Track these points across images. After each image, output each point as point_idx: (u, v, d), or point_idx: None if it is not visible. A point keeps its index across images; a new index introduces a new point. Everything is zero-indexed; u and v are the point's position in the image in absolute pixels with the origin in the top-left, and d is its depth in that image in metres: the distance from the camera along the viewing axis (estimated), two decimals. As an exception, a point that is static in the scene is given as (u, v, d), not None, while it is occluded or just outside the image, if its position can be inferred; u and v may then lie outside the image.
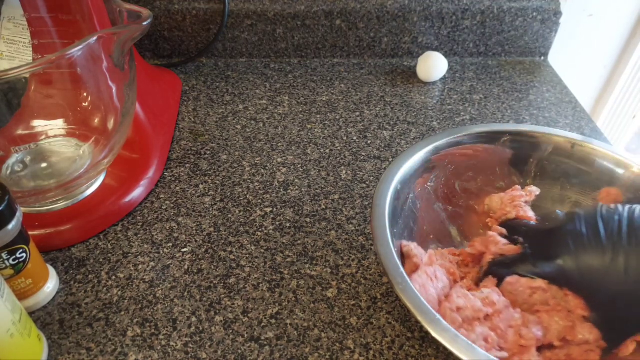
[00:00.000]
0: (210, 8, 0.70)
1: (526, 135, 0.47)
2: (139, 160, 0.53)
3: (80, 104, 0.49)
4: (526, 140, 0.47)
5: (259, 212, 0.50)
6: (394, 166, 0.42)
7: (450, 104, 0.67)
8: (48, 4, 0.48)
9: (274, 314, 0.41)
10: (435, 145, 0.45)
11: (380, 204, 0.39)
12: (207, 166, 0.56)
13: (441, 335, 0.30)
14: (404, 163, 0.43)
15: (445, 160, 0.46)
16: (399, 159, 0.43)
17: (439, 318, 0.31)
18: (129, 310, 0.41)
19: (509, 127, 0.48)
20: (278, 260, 0.46)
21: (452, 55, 0.77)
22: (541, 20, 0.73)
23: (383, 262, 0.35)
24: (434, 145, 0.45)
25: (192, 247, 0.47)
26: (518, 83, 0.72)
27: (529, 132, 0.47)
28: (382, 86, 0.71)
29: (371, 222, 0.38)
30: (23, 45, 0.50)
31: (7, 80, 0.38)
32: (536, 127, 0.48)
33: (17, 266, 0.38)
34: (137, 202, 0.51)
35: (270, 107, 0.66)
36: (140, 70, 0.55)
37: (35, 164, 0.48)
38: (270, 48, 0.75)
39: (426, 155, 0.44)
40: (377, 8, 0.71)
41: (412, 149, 0.44)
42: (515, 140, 0.47)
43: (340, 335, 0.39)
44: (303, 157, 0.58)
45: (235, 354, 0.38)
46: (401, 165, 0.42)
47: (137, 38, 0.43)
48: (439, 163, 0.46)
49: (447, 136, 0.46)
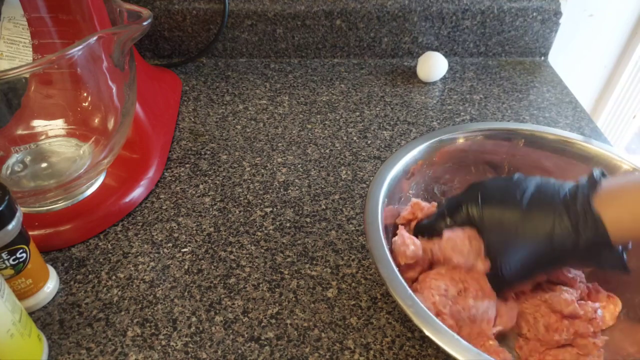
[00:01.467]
0: (210, 8, 0.70)
1: (499, 131, 0.48)
2: (139, 160, 0.53)
3: (80, 104, 0.50)
4: (500, 136, 0.48)
5: (259, 212, 0.50)
6: (378, 178, 0.43)
7: (451, 104, 0.67)
8: (48, 4, 0.48)
9: (274, 314, 0.41)
10: (414, 153, 0.45)
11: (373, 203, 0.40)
12: (207, 166, 0.56)
13: (425, 328, 0.31)
14: (387, 175, 0.43)
15: (423, 166, 0.46)
16: (381, 170, 0.43)
17: (435, 319, 0.32)
18: (129, 310, 0.41)
19: (482, 126, 0.49)
20: (278, 260, 0.46)
21: (452, 55, 0.77)
22: (541, 20, 0.73)
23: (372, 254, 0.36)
24: (412, 155, 0.45)
25: (192, 247, 0.47)
26: (518, 83, 0.72)
27: (500, 129, 0.48)
28: (382, 86, 0.71)
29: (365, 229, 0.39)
30: (23, 45, 0.50)
31: (7, 80, 0.38)
32: (507, 123, 0.49)
33: (17, 266, 0.38)
34: (137, 202, 0.51)
35: (271, 107, 0.66)
36: (140, 70, 0.55)
37: (35, 164, 0.48)
38: (270, 48, 0.75)
39: (406, 163, 0.45)
40: (377, 8, 0.71)
41: (392, 160, 0.44)
42: (490, 136, 0.48)
43: (341, 335, 0.39)
44: (303, 157, 0.58)
45: (235, 354, 0.38)
46: (385, 178, 0.43)
47: (137, 38, 0.43)
48: (418, 170, 0.46)
49: (424, 141, 0.46)
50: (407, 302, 0.33)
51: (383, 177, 0.42)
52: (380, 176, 0.42)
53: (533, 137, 0.47)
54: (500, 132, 0.48)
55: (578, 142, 0.46)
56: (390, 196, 0.42)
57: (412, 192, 0.46)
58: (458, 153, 0.48)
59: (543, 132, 0.47)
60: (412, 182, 0.46)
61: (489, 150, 0.48)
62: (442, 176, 0.48)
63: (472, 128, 0.48)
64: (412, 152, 0.45)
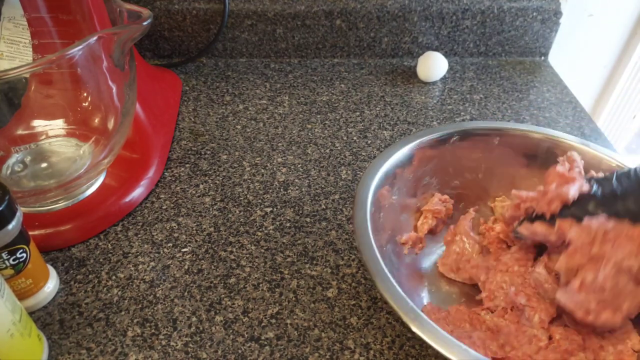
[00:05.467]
0: (210, 8, 0.70)
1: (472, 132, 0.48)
2: (139, 160, 0.53)
3: (80, 104, 0.50)
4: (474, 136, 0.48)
5: (259, 212, 0.50)
6: (365, 181, 0.42)
7: (451, 104, 0.67)
8: (48, 4, 0.48)
9: (274, 313, 0.41)
10: (394, 159, 0.45)
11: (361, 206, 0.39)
12: (207, 166, 0.56)
13: (422, 331, 0.31)
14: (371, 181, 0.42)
15: (402, 172, 0.46)
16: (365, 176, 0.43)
17: (423, 316, 0.32)
18: (129, 310, 0.41)
19: (457, 127, 0.48)
20: (278, 260, 0.46)
21: (452, 55, 0.77)
22: (541, 20, 0.73)
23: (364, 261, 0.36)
24: (391, 163, 0.45)
25: (192, 247, 0.47)
26: (518, 83, 0.72)
27: (474, 129, 0.48)
28: (382, 86, 0.71)
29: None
30: (23, 45, 0.50)
31: (7, 80, 0.38)
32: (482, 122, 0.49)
33: (17, 266, 0.38)
34: (137, 202, 0.51)
35: (271, 107, 0.66)
36: (140, 70, 0.55)
37: (35, 164, 0.48)
38: (270, 48, 0.75)
39: (387, 169, 0.44)
40: (377, 8, 0.71)
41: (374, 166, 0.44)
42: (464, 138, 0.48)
43: (341, 335, 0.39)
44: (303, 157, 0.58)
45: (235, 354, 0.38)
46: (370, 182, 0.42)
47: (137, 38, 0.43)
48: (399, 175, 0.46)
49: (402, 146, 0.46)
50: (397, 301, 0.33)
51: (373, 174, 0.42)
52: (370, 173, 0.42)
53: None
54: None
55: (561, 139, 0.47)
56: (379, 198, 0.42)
57: (395, 197, 0.46)
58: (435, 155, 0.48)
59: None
60: (395, 188, 0.45)
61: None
62: (422, 178, 0.48)
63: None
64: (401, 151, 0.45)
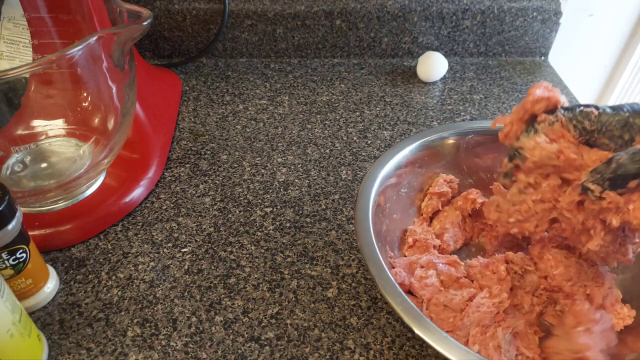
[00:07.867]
0: (210, 8, 0.70)
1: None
2: (139, 160, 0.53)
3: (80, 104, 0.49)
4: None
5: (259, 212, 0.50)
6: (369, 178, 0.43)
7: (451, 104, 0.67)
8: (48, 4, 0.48)
9: (274, 314, 0.41)
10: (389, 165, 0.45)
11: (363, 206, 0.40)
12: (207, 166, 0.56)
13: (425, 334, 0.31)
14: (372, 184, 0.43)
15: (402, 177, 0.46)
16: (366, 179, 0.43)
17: (423, 316, 0.32)
18: (129, 310, 0.41)
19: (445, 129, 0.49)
20: (278, 260, 0.46)
21: (452, 55, 0.77)
22: (541, 20, 0.73)
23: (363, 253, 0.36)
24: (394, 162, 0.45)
25: (192, 247, 0.47)
26: (518, 83, 0.72)
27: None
28: (382, 86, 0.71)
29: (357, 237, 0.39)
30: (23, 45, 0.50)
31: (7, 80, 0.38)
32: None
33: (17, 266, 0.38)
34: (137, 202, 0.51)
35: (270, 107, 0.66)
36: (140, 70, 0.55)
37: (35, 164, 0.48)
38: (270, 48, 0.75)
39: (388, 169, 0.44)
40: (377, 8, 0.71)
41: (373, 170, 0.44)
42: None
43: (341, 335, 0.39)
44: (303, 157, 0.58)
45: (235, 354, 0.38)
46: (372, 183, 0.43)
47: (137, 38, 0.43)
48: (398, 180, 0.46)
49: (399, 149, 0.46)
50: (397, 300, 0.33)
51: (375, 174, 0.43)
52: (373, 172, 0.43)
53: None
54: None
55: None
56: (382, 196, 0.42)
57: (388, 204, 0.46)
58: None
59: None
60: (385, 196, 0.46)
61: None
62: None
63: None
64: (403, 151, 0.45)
